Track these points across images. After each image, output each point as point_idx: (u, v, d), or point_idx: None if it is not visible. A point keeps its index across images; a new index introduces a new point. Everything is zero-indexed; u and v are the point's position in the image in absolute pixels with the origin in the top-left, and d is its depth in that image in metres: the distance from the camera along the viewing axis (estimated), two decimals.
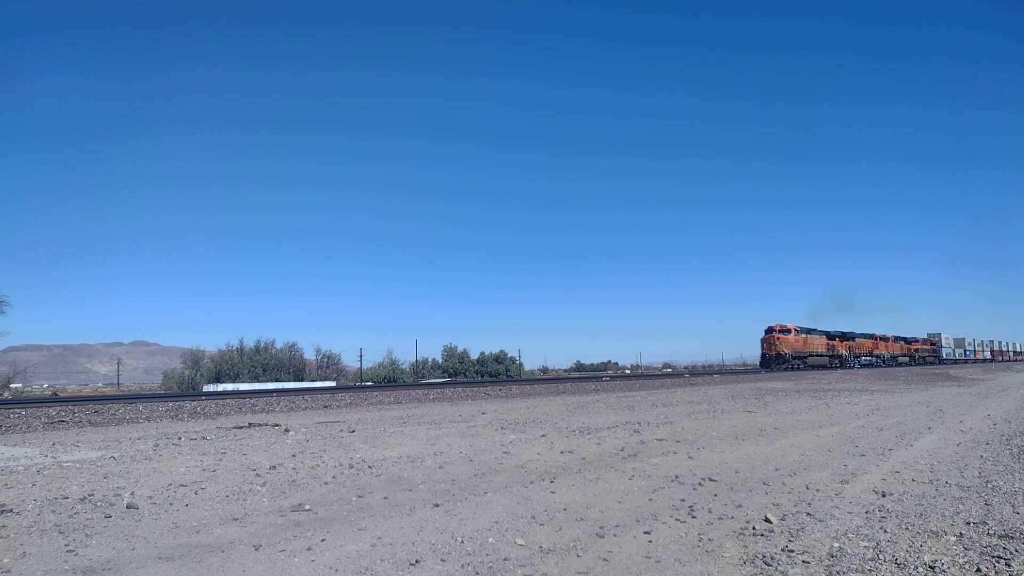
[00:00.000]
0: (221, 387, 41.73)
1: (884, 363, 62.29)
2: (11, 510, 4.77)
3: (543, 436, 9.02)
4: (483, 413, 12.67)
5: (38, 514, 4.69)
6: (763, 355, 49.59)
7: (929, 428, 10.31)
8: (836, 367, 53.28)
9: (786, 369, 46.10)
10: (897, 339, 67.87)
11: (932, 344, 79.22)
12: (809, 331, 51.72)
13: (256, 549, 3.88)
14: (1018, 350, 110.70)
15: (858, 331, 60.30)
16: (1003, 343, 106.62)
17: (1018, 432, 9.79)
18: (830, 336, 54.53)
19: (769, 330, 49.79)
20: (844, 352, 55.73)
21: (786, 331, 49.35)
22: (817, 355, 51.24)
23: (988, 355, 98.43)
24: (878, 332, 64.06)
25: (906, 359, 68.71)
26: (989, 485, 5.81)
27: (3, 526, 4.37)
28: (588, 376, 50.83)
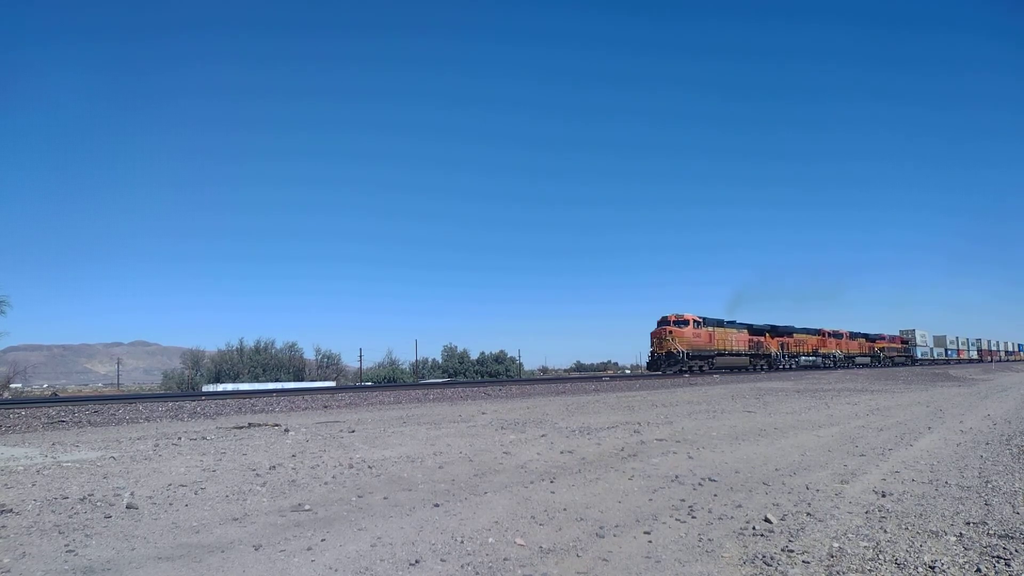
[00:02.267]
0: (221, 387, 41.73)
1: (835, 364, 53.67)
2: (11, 510, 4.77)
3: (543, 436, 9.02)
4: (483, 413, 12.67)
5: (38, 514, 4.69)
6: (652, 354, 38.79)
7: (929, 428, 10.32)
8: (762, 369, 44.21)
9: (680, 371, 36.63)
10: (855, 336, 58.91)
11: (904, 342, 70.25)
12: (720, 323, 41.60)
13: (256, 549, 3.88)
14: (1010, 349, 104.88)
15: (798, 326, 51.19)
16: (994, 342, 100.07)
17: (1018, 432, 9.79)
18: (754, 330, 44.87)
19: (662, 321, 38.99)
20: (774, 350, 46.26)
21: (682, 323, 38.48)
22: (731, 354, 41.53)
23: (975, 355, 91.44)
24: (828, 327, 55.19)
25: (866, 359, 59.46)
26: (989, 485, 5.81)
27: (3, 526, 4.37)
28: (588, 376, 49.14)
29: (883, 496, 5.35)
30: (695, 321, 39.07)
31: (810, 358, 50.87)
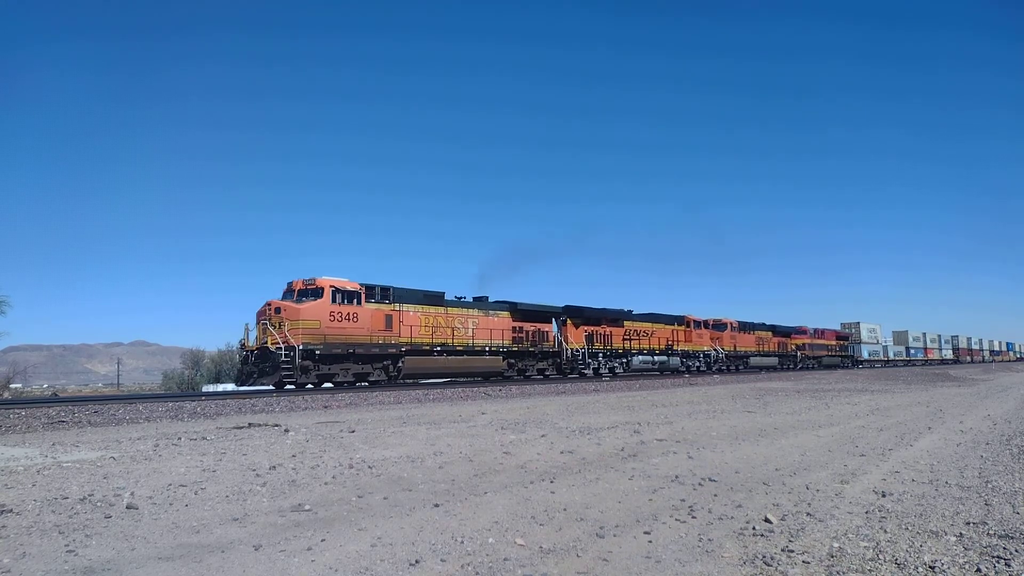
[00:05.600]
0: (221, 387, 41.70)
1: (709, 366, 39.39)
2: (11, 510, 4.77)
3: (543, 436, 9.01)
4: (483, 413, 12.67)
5: (38, 514, 4.69)
6: (240, 349, 22.15)
7: (929, 428, 10.32)
8: (542, 375, 28.84)
9: (283, 383, 19.92)
10: (749, 327, 44.57)
11: (841, 338, 57.46)
12: (431, 299, 24.39)
13: (256, 549, 3.88)
14: (996, 349, 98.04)
15: (640, 310, 35.90)
16: (975, 340, 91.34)
17: (1018, 432, 9.79)
18: (523, 314, 28.11)
19: (287, 291, 21.50)
20: (575, 346, 30.20)
21: (309, 294, 20.74)
22: (450, 350, 24.36)
23: (950, 355, 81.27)
24: (699, 316, 39.88)
25: (770, 360, 45.85)
26: (989, 485, 5.81)
27: (3, 526, 4.37)
28: (588, 376, 48.86)
29: (883, 496, 5.35)
30: (339, 292, 20.95)
31: (656, 357, 35.32)
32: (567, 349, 30.06)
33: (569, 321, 30.70)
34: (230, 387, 40.89)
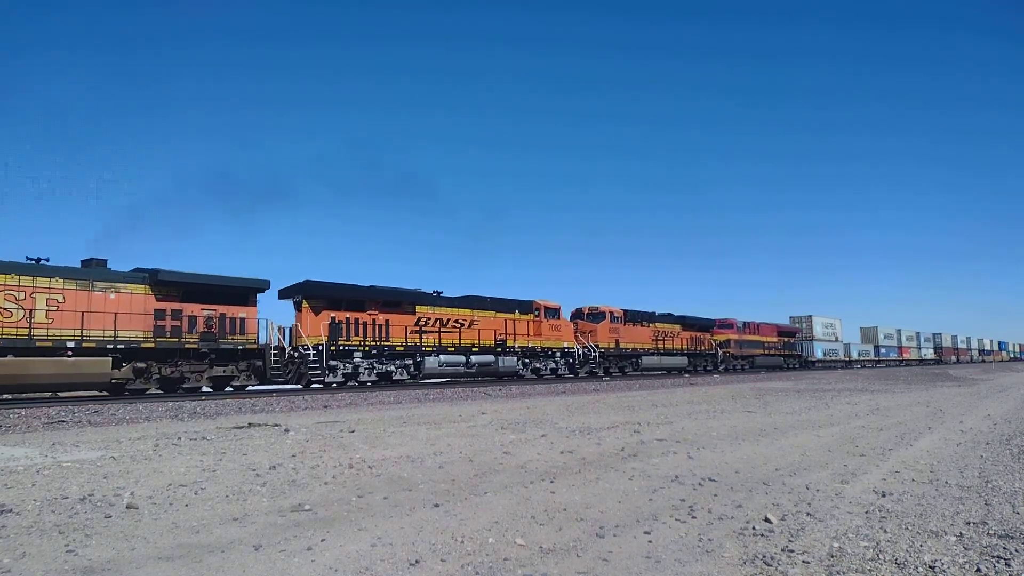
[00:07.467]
0: None
1: (568, 368, 30.13)
2: (11, 510, 4.77)
3: (543, 436, 9.02)
4: (483, 413, 12.67)
5: (38, 514, 4.69)
6: None
7: (929, 428, 10.32)
8: (226, 391, 19.13)
9: None
10: (642, 318, 35.01)
11: (786, 334, 48.70)
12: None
13: (256, 549, 3.88)
14: (987, 348, 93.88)
15: (451, 293, 26.11)
16: (962, 338, 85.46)
17: (1018, 432, 9.79)
18: (184, 288, 18.24)
19: None
20: (312, 340, 20.86)
21: None
22: None
23: (931, 355, 74.32)
24: (555, 301, 29.91)
25: (677, 359, 36.39)
26: (989, 485, 5.81)
27: (3, 526, 4.36)
28: (588, 376, 48.24)
29: (883, 496, 5.35)
30: None
31: (475, 357, 25.46)
32: (276, 345, 20.27)
33: (306, 304, 21.01)
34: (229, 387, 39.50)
